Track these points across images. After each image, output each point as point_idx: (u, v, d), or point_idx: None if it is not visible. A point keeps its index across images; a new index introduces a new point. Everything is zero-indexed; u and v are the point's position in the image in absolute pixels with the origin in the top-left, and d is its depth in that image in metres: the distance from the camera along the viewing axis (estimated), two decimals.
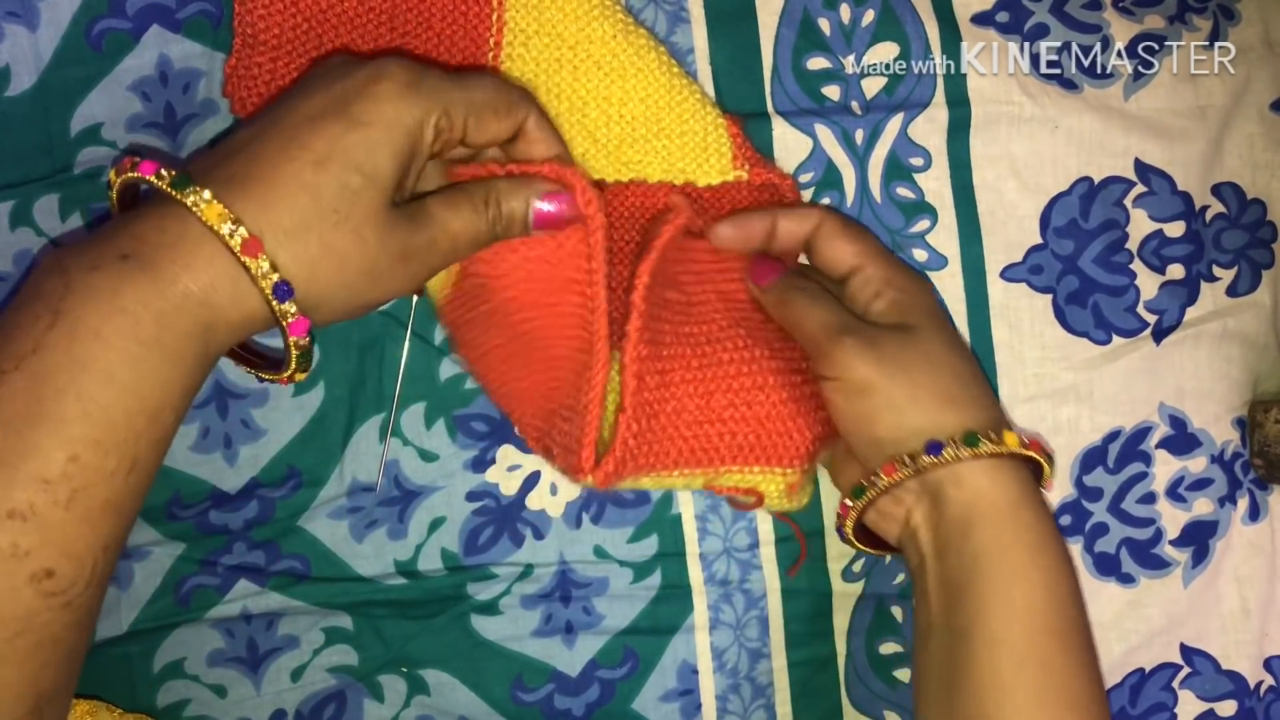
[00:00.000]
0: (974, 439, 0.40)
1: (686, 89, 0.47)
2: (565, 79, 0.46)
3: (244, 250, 0.34)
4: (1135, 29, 0.52)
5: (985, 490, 0.41)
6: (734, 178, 0.47)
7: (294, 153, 0.36)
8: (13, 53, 0.44)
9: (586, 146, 0.47)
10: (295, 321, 0.36)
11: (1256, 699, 0.53)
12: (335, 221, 0.36)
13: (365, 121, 0.36)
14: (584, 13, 0.46)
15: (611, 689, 0.49)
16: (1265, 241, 0.53)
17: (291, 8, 0.44)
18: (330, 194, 0.35)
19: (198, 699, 0.46)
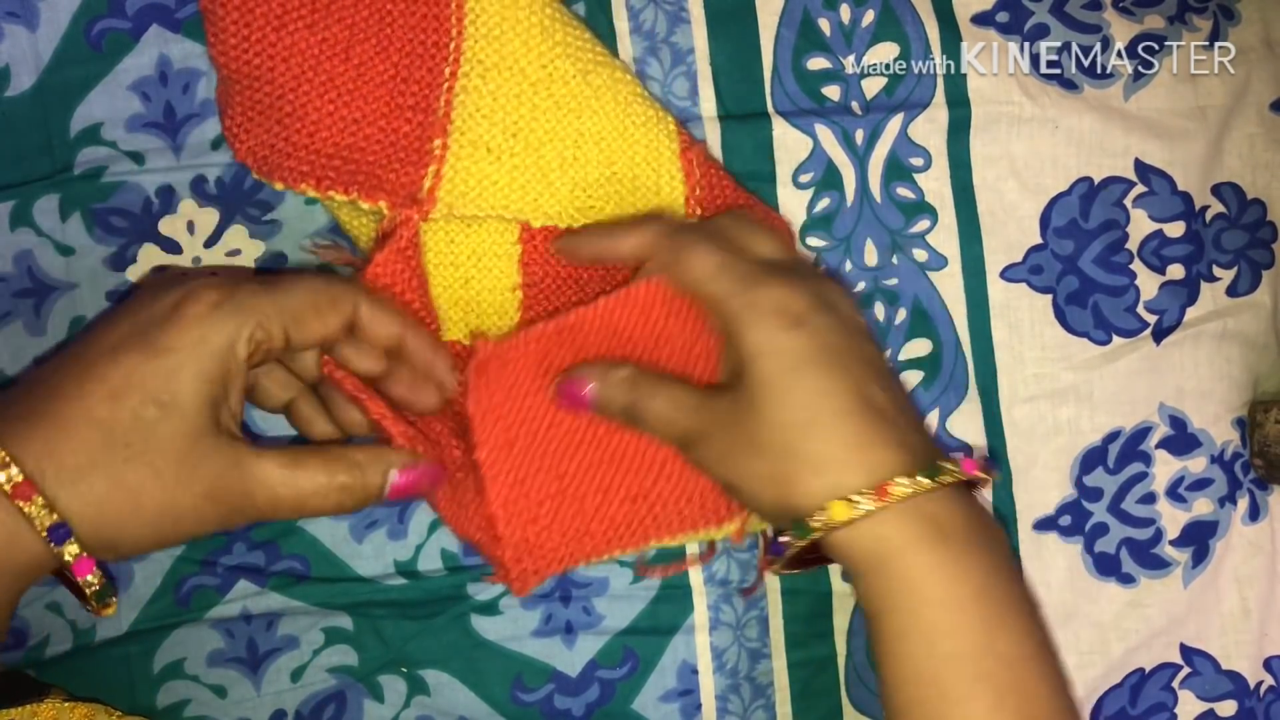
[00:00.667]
0: (801, 529, 0.37)
1: (640, 130, 0.46)
2: (524, 117, 0.45)
3: (15, 494, 0.33)
4: (1135, 29, 0.52)
5: (852, 552, 0.38)
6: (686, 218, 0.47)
7: (89, 387, 0.34)
8: (12, 53, 0.44)
9: (540, 190, 0.45)
10: (79, 562, 0.34)
11: (1256, 699, 0.53)
12: (126, 456, 0.34)
13: (166, 348, 0.35)
14: (547, 49, 0.45)
15: (611, 689, 0.49)
16: (1265, 241, 0.53)
17: (243, 43, 0.43)
18: (122, 428, 0.34)
19: (198, 699, 0.46)
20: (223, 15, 0.43)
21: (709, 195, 0.47)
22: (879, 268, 0.50)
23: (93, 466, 0.34)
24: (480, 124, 0.45)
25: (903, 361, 0.51)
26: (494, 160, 0.45)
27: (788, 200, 0.50)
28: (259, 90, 0.43)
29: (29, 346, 0.45)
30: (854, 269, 0.50)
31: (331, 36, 0.44)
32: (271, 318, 0.37)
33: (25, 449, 0.34)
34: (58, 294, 0.45)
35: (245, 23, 0.43)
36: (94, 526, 0.34)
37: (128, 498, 0.34)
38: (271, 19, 0.43)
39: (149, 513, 0.35)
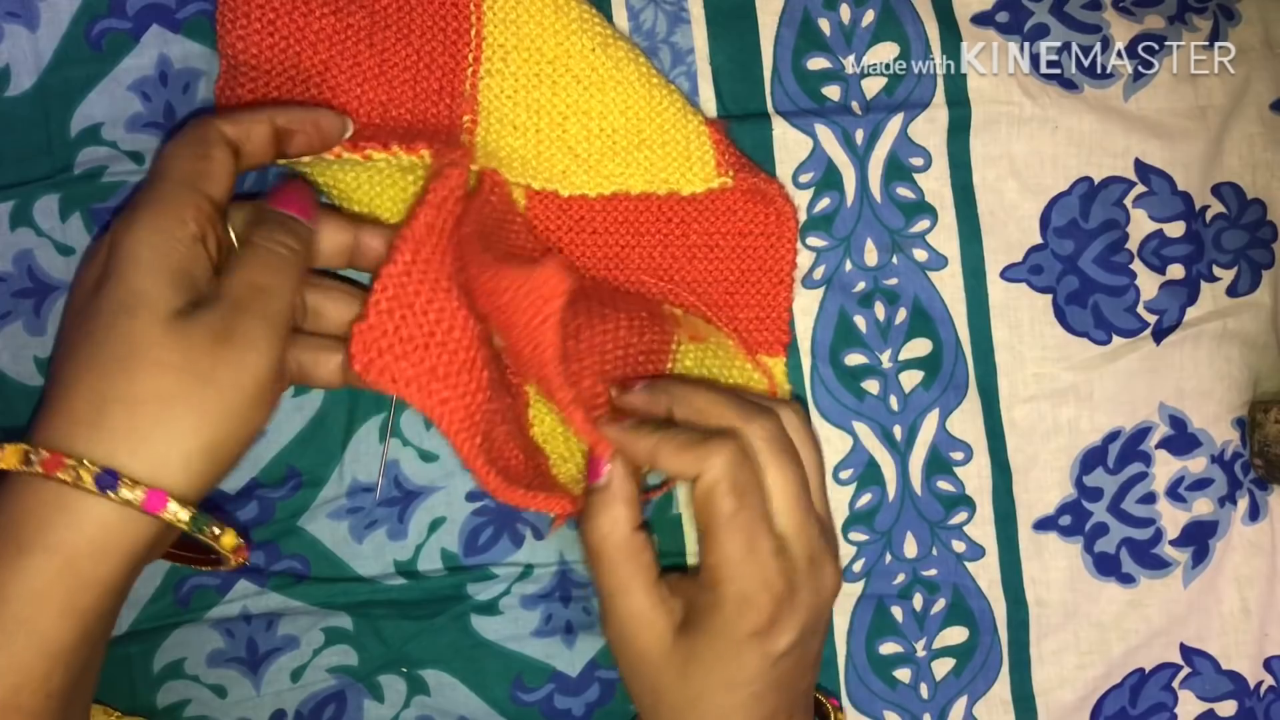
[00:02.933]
0: None
1: (667, 98, 0.47)
2: (545, 94, 0.46)
3: (47, 468, 0.33)
4: (1135, 29, 0.52)
5: None
6: (719, 184, 0.47)
7: (65, 350, 0.35)
8: (12, 53, 0.44)
9: (567, 163, 0.47)
10: (148, 496, 0.33)
11: (1256, 699, 0.53)
12: (125, 373, 0.33)
13: (115, 270, 0.35)
14: (562, 27, 0.46)
15: (611, 689, 0.49)
16: (1265, 241, 0.53)
17: (269, 29, 0.44)
18: (110, 352, 0.34)
19: (198, 699, 0.46)
20: (245, 4, 0.43)
21: (737, 159, 0.47)
22: (879, 267, 0.50)
23: (107, 400, 0.33)
24: (505, 104, 0.46)
25: (903, 361, 0.51)
26: (519, 135, 0.46)
27: None
28: (280, 77, 0.44)
29: (29, 346, 0.45)
30: (854, 269, 0.50)
31: (355, 23, 0.45)
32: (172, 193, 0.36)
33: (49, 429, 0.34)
34: (58, 294, 0.45)
35: (271, 7, 0.43)
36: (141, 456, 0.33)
37: (156, 406, 0.34)
38: (299, 4, 0.44)
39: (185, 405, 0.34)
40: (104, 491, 0.33)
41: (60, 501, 0.33)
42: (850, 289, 0.50)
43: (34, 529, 0.33)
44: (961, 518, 0.51)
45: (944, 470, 0.51)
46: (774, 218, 0.48)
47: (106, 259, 0.36)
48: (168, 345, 0.34)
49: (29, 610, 0.33)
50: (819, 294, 0.50)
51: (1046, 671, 0.51)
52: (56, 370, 0.36)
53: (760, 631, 0.39)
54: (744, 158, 0.48)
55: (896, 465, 0.51)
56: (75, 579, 0.33)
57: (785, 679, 0.40)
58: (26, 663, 0.33)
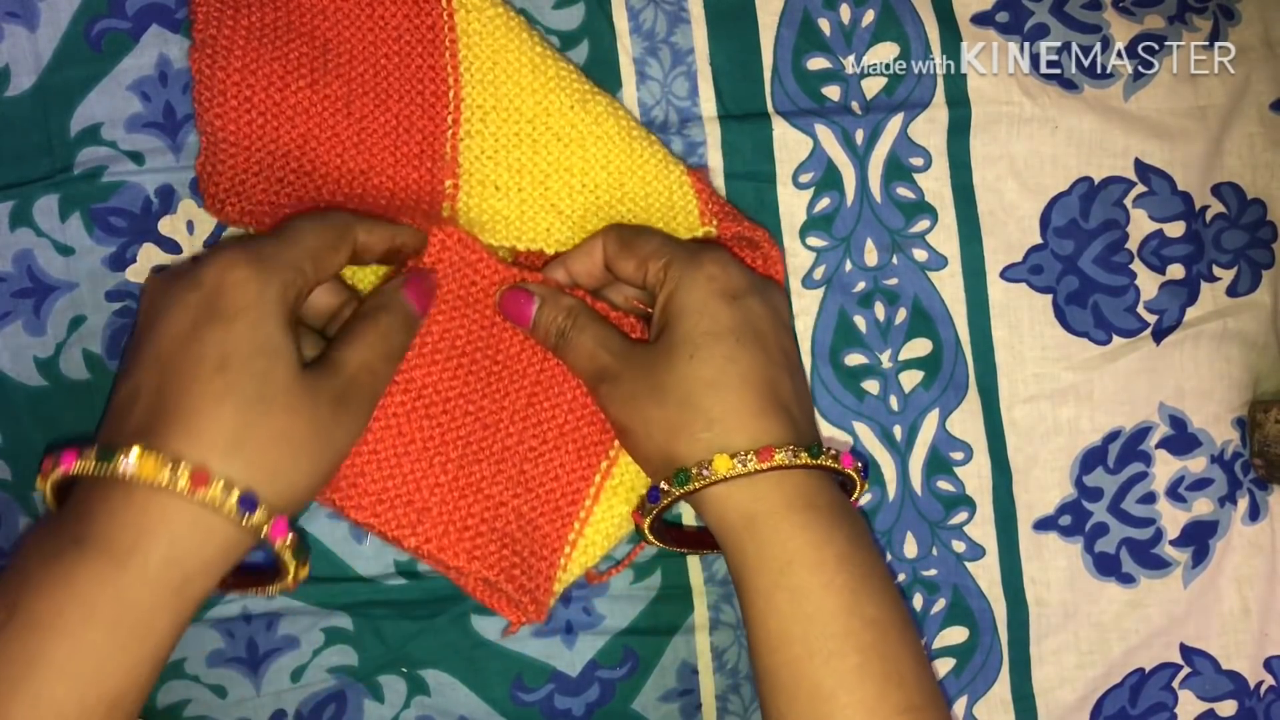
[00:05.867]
0: (683, 477, 0.40)
1: (648, 150, 0.47)
2: (526, 152, 0.46)
3: (194, 484, 0.34)
4: (1135, 29, 0.52)
5: (725, 512, 0.40)
6: (703, 233, 0.47)
7: (193, 372, 0.35)
8: (12, 53, 0.44)
9: (551, 220, 0.46)
10: (274, 524, 0.35)
11: (1256, 699, 0.53)
12: (263, 410, 0.35)
13: (240, 307, 0.36)
14: (540, 85, 0.46)
15: (611, 689, 0.49)
16: (1265, 241, 0.53)
17: (245, 106, 0.43)
18: (248, 389, 0.35)
19: (198, 699, 0.46)
20: (222, 77, 0.43)
21: (720, 209, 0.47)
22: (879, 267, 0.50)
23: (244, 431, 0.35)
24: (486, 165, 0.46)
25: (903, 361, 0.51)
26: (502, 196, 0.46)
27: (788, 200, 0.50)
28: (261, 152, 0.44)
29: (29, 346, 0.45)
30: (854, 269, 0.50)
31: (332, 93, 0.45)
32: (302, 260, 0.38)
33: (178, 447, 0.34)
34: (58, 294, 0.45)
35: (247, 84, 0.44)
36: (270, 485, 0.35)
37: (284, 444, 0.36)
38: (274, 79, 0.44)
39: (303, 448, 0.36)
40: (242, 514, 0.34)
41: (193, 518, 0.34)
42: (850, 289, 0.50)
43: (163, 540, 0.34)
44: (961, 518, 0.51)
45: (944, 470, 0.51)
46: (760, 263, 0.47)
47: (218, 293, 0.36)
48: (299, 394, 0.36)
49: (149, 618, 0.34)
50: (819, 294, 0.50)
51: (1046, 671, 0.51)
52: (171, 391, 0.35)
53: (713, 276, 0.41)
54: (728, 205, 0.48)
55: (896, 465, 0.51)
56: (188, 593, 0.35)
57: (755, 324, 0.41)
58: (137, 665, 0.34)
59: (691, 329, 0.41)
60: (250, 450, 0.35)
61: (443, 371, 0.44)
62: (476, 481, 0.44)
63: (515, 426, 0.45)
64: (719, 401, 0.40)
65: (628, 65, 0.49)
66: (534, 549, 0.45)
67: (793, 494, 0.39)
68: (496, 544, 0.44)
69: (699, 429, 0.40)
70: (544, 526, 0.45)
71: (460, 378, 0.44)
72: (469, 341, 0.44)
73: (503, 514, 0.44)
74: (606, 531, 0.46)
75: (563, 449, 0.45)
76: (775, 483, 0.39)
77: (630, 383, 0.42)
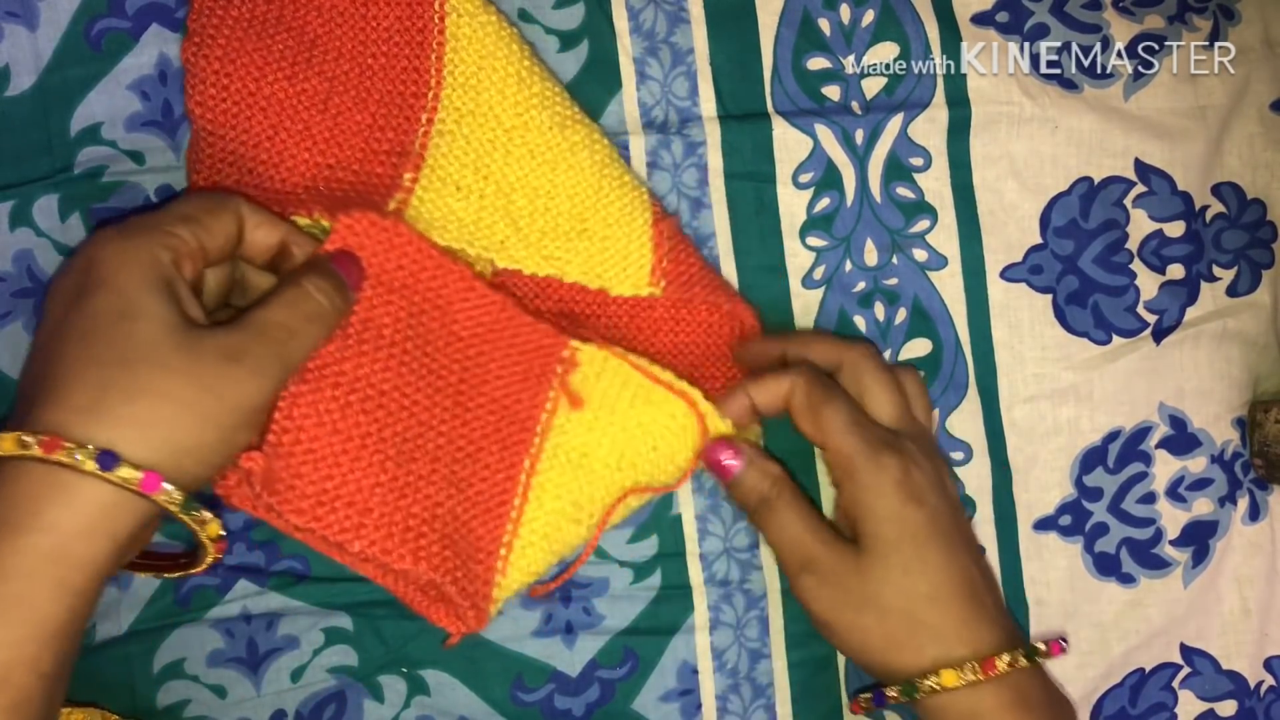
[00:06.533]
0: (910, 689, 0.42)
1: (616, 192, 0.46)
2: (497, 161, 0.46)
3: (46, 449, 0.33)
4: (1135, 29, 0.52)
5: (946, 716, 0.42)
6: (646, 293, 0.47)
7: (60, 349, 0.36)
8: (12, 53, 0.44)
9: (508, 233, 0.46)
10: (145, 478, 0.34)
11: (1256, 699, 0.53)
12: (125, 369, 0.35)
13: (103, 277, 0.36)
14: (523, 100, 0.45)
15: (611, 689, 0.49)
16: (1265, 241, 0.53)
17: (222, 94, 0.44)
18: (108, 352, 0.35)
19: (198, 699, 0.46)
20: (204, 66, 0.44)
21: (675, 269, 0.47)
22: (879, 267, 0.50)
23: (103, 391, 0.35)
24: (452, 163, 0.45)
25: (903, 361, 0.51)
26: (462, 198, 0.45)
27: (788, 200, 0.50)
28: (233, 141, 0.44)
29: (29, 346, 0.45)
30: (854, 269, 0.50)
31: (310, 88, 0.45)
32: (173, 223, 0.38)
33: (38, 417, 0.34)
34: None
35: (226, 73, 0.44)
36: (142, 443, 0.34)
37: (156, 401, 0.35)
38: (252, 70, 0.44)
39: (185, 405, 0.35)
40: (104, 471, 0.34)
41: (56, 482, 0.34)
42: (850, 289, 0.50)
43: (28, 510, 0.34)
44: None
45: None
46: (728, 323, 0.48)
47: (86, 270, 0.37)
48: (172, 351, 0.36)
49: (24, 588, 0.34)
50: (819, 294, 0.50)
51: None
52: (43, 369, 0.36)
53: (899, 482, 0.43)
54: (694, 264, 0.47)
55: None
56: (68, 559, 0.34)
57: (943, 523, 0.44)
58: (20, 640, 0.33)
59: (896, 539, 0.43)
60: (110, 409, 0.34)
61: (373, 362, 0.42)
62: (415, 480, 0.42)
63: (445, 425, 0.43)
64: (936, 613, 0.43)
65: (628, 65, 0.49)
66: (470, 553, 0.43)
67: (1011, 695, 0.42)
68: (439, 545, 0.42)
69: (921, 641, 0.42)
70: (477, 529, 0.44)
71: (392, 369, 0.42)
72: (397, 330, 0.43)
73: (440, 514, 0.43)
74: (545, 532, 0.45)
75: (487, 449, 0.44)
76: (995, 686, 0.42)
77: (839, 585, 0.43)
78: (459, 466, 0.43)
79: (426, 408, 0.43)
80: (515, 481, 0.45)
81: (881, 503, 0.43)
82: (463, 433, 0.44)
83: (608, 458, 0.45)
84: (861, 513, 0.43)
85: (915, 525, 0.43)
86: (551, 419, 0.45)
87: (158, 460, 0.35)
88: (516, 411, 0.45)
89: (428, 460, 0.43)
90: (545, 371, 0.45)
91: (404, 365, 0.42)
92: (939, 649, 0.42)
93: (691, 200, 0.49)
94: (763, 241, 0.50)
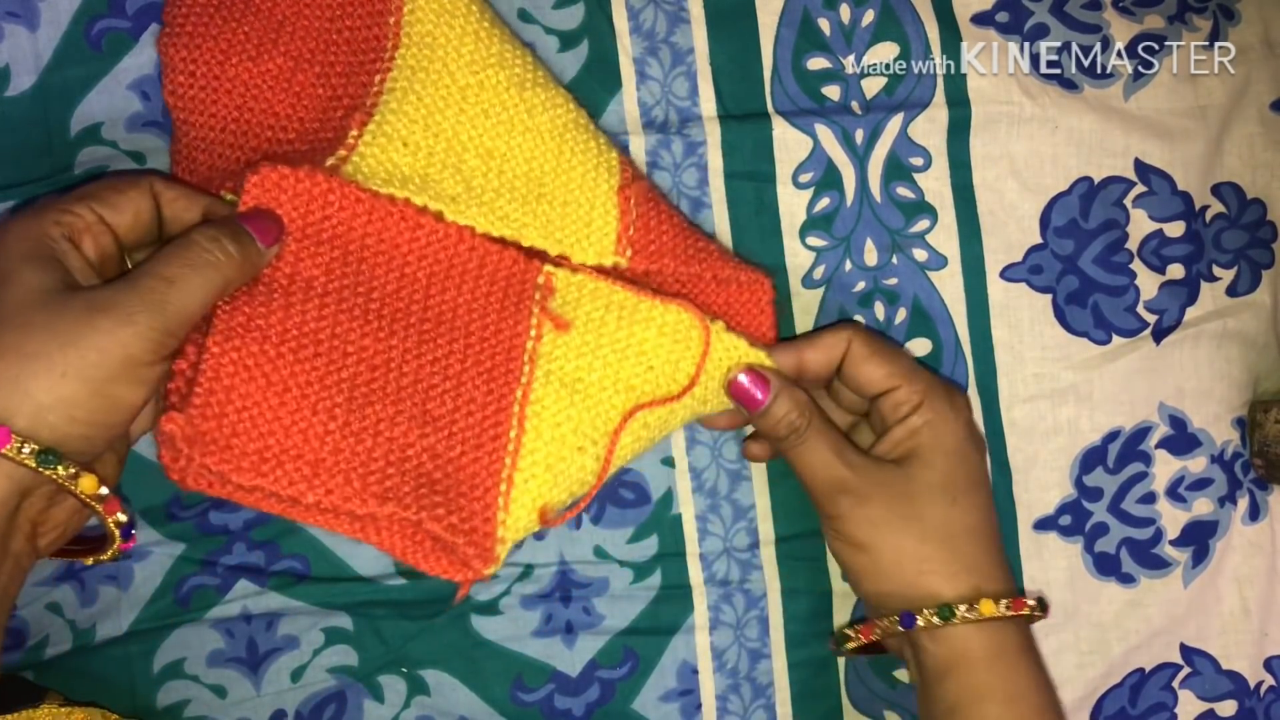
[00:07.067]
0: (947, 612, 0.42)
1: (578, 157, 0.45)
2: (449, 119, 0.45)
3: None
4: (1135, 29, 0.52)
5: (961, 647, 0.43)
6: (611, 263, 0.45)
7: None
8: (13, 53, 0.44)
9: (459, 190, 0.44)
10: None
11: (1256, 699, 0.53)
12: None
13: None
14: (479, 58, 0.45)
15: (611, 689, 0.49)
16: (1265, 241, 0.53)
17: (189, 80, 0.45)
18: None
19: (198, 699, 0.46)
20: (174, 54, 0.44)
21: (644, 237, 0.46)
22: (879, 267, 0.50)
23: None
24: (400, 119, 0.44)
25: None
26: (409, 154, 0.44)
27: (788, 200, 0.50)
28: (203, 127, 0.45)
29: None
30: (854, 268, 0.50)
31: (274, 67, 0.45)
32: (69, 200, 0.39)
33: None
34: None
35: (193, 59, 0.44)
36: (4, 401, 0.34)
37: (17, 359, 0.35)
38: (217, 54, 0.44)
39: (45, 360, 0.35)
40: None
41: None
42: (850, 289, 0.50)
43: None
44: None
45: None
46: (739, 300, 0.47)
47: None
48: (36, 311, 0.36)
49: None
50: (819, 294, 0.50)
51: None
52: None
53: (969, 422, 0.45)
54: (669, 227, 0.46)
55: None
56: None
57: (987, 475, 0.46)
58: None
59: (953, 472, 0.44)
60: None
61: (303, 313, 0.41)
62: (374, 424, 0.41)
63: (410, 365, 0.43)
64: (976, 548, 0.44)
65: (628, 65, 0.49)
66: (461, 488, 0.42)
67: (1021, 637, 0.44)
68: (412, 484, 0.41)
69: (961, 570, 0.43)
70: (468, 465, 0.43)
71: (328, 318, 0.41)
72: (330, 279, 0.42)
73: (412, 455, 0.42)
74: (547, 463, 0.43)
75: (469, 382, 0.43)
76: (1017, 627, 0.43)
77: (881, 504, 0.43)
78: (434, 404, 0.43)
79: (380, 351, 0.42)
80: (508, 413, 0.44)
81: (950, 435, 0.44)
82: (435, 369, 0.43)
83: (603, 380, 0.44)
84: (925, 440, 0.44)
85: (972, 465, 0.45)
86: (538, 345, 0.44)
87: (10, 416, 0.34)
88: (498, 342, 0.44)
89: (389, 402, 0.42)
90: (523, 298, 0.45)
91: (343, 312, 0.42)
92: (977, 579, 0.43)
93: (691, 200, 0.49)
94: (763, 241, 0.50)
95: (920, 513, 0.43)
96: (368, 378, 0.42)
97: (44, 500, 0.37)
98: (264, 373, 0.40)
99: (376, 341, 0.42)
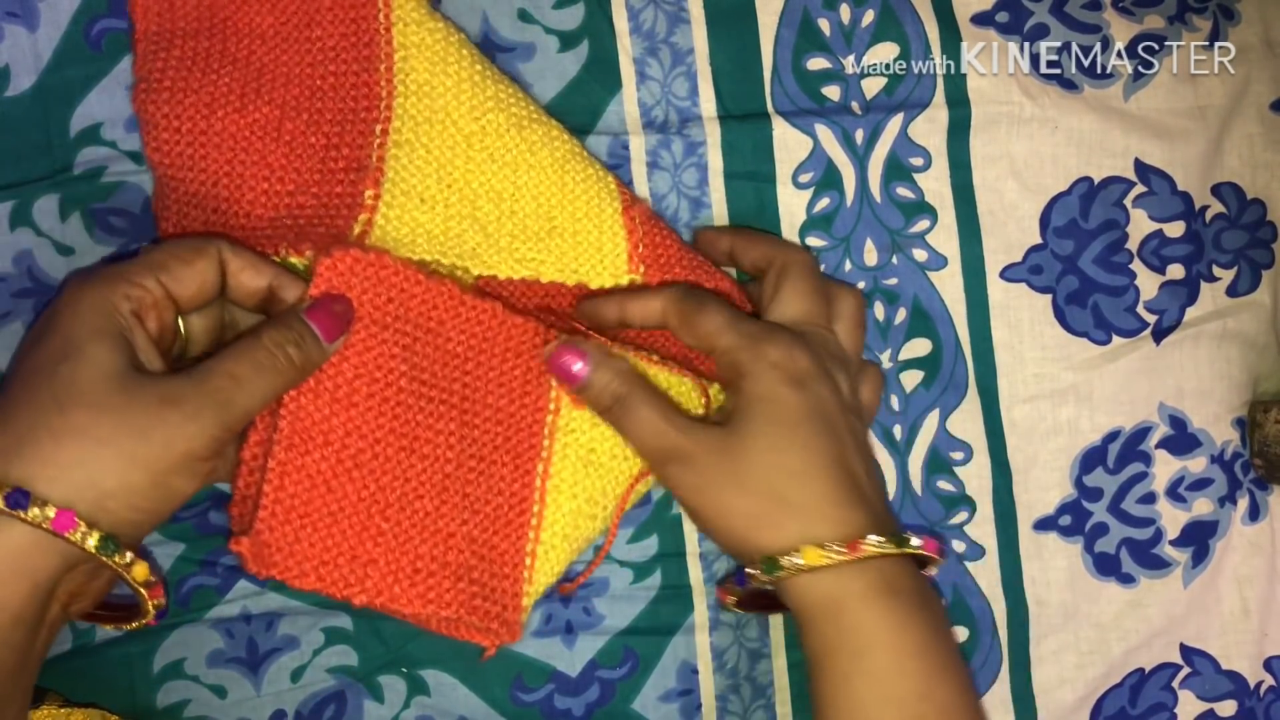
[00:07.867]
0: (771, 565, 0.40)
1: (581, 186, 0.45)
2: (459, 169, 0.45)
3: None
4: (1135, 29, 0.52)
5: (808, 597, 0.41)
6: (628, 281, 0.46)
7: (6, 389, 0.36)
8: (12, 53, 0.44)
9: (478, 240, 0.45)
10: (58, 516, 0.34)
11: (1256, 699, 0.53)
12: (56, 410, 0.35)
13: (57, 325, 0.37)
14: (478, 103, 0.45)
15: (611, 689, 0.49)
16: (1265, 241, 0.53)
17: (175, 135, 0.43)
18: (44, 393, 0.35)
19: (198, 699, 0.46)
20: (154, 110, 0.43)
21: (652, 253, 0.46)
22: (879, 267, 0.50)
23: (32, 431, 0.35)
24: (414, 174, 0.44)
25: (903, 361, 0.51)
26: (428, 209, 0.44)
27: (788, 200, 0.50)
28: (193, 182, 0.44)
29: None
30: (854, 269, 0.50)
31: (262, 117, 0.44)
32: (138, 272, 0.38)
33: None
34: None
35: (176, 115, 0.43)
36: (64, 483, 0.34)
37: (84, 442, 0.35)
38: (201, 107, 0.44)
39: (112, 446, 0.35)
40: (14, 509, 0.34)
41: None
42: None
43: None
44: (961, 518, 0.51)
45: (944, 470, 0.51)
46: None
47: (49, 317, 0.38)
48: (107, 395, 0.36)
49: None
50: None
51: (1046, 671, 0.51)
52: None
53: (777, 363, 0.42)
54: (673, 242, 0.47)
55: (896, 465, 0.51)
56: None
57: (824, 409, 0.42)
58: None
59: (767, 418, 0.41)
60: (34, 449, 0.35)
61: (366, 411, 0.41)
62: (421, 519, 0.42)
63: (453, 451, 0.43)
64: (802, 491, 0.41)
65: (628, 65, 0.49)
66: (494, 571, 0.43)
67: (876, 580, 0.40)
68: (450, 580, 0.42)
69: (785, 519, 0.40)
70: (500, 545, 0.44)
71: (388, 413, 0.42)
72: (391, 370, 0.42)
73: (453, 545, 0.42)
74: (564, 533, 0.45)
75: (499, 462, 0.44)
76: (860, 570, 0.40)
77: (707, 468, 0.41)
78: (471, 487, 0.43)
79: (429, 440, 0.42)
80: (531, 489, 0.45)
81: (758, 384, 0.42)
82: (472, 451, 0.43)
83: (614, 449, 0.45)
84: (740, 399, 0.42)
85: (791, 406, 0.41)
86: (557, 419, 0.45)
87: (75, 500, 0.34)
88: (522, 418, 0.45)
89: (435, 494, 0.42)
90: (543, 371, 0.45)
91: (400, 404, 0.42)
92: (803, 526, 0.40)
93: (691, 200, 0.49)
94: None
95: (742, 467, 0.41)
96: (419, 469, 0.42)
97: (85, 575, 0.38)
98: (325, 480, 0.40)
99: (427, 430, 0.42)
